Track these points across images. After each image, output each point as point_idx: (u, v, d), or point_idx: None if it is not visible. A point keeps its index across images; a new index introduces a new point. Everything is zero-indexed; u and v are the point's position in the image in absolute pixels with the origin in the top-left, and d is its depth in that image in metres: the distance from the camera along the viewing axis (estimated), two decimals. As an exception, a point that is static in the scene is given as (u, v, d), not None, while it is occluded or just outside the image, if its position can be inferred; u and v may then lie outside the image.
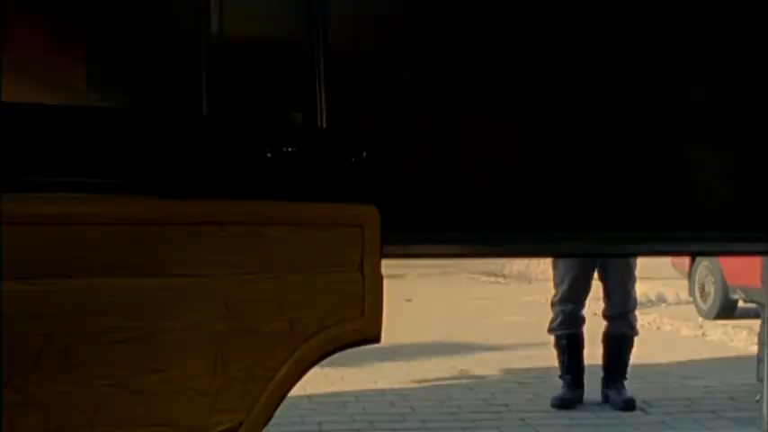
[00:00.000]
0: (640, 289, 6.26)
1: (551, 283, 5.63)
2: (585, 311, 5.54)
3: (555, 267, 5.54)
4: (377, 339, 2.71)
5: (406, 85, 3.89)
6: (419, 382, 6.12)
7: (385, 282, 2.73)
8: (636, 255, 4.97)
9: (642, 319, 7.70)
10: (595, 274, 5.49)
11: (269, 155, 2.53)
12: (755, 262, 5.78)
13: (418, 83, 3.93)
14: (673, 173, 4.19)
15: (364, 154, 2.69)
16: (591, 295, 5.55)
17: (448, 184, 3.93)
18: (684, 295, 11.17)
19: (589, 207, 4.02)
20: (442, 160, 3.92)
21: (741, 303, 10.20)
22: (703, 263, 10.62)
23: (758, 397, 4.84)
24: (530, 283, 14.51)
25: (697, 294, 10.66)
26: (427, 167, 3.90)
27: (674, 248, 4.55)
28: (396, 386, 5.94)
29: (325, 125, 2.69)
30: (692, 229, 4.11)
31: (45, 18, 2.85)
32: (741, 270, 9.61)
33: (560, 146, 4.01)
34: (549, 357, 5.72)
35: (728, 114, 4.18)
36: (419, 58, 3.95)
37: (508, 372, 6.48)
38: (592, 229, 4.00)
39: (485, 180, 3.96)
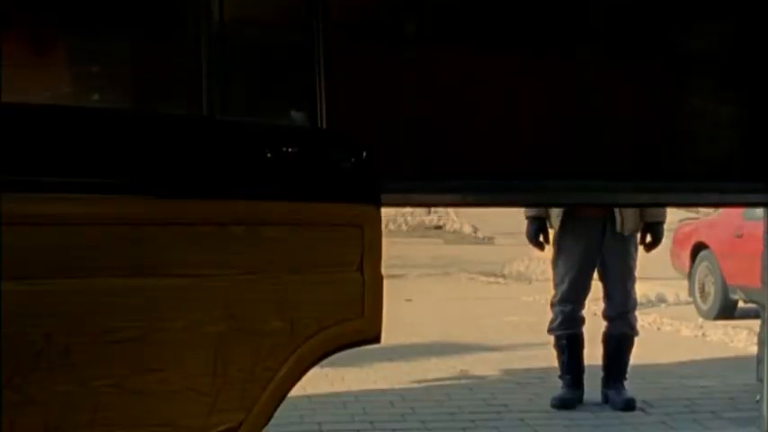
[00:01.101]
0: (640, 289, 6.25)
1: (551, 284, 5.63)
2: (585, 312, 5.54)
3: (555, 267, 5.54)
4: (377, 339, 2.71)
5: (403, 32, 3.85)
6: (419, 382, 6.11)
7: (385, 282, 2.73)
8: (635, 205, 4.96)
9: (642, 319, 7.69)
10: (595, 275, 5.49)
11: (269, 155, 2.53)
12: (755, 262, 5.77)
13: (415, 30, 3.90)
14: (673, 124, 4.17)
15: (364, 154, 2.69)
16: (591, 295, 5.55)
17: (448, 133, 3.91)
18: (684, 295, 11.16)
19: (589, 157, 4.02)
20: (442, 110, 3.91)
21: (741, 303, 10.20)
22: (703, 263, 10.61)
23: (758, 397, 4.83)
24: (530, 284, 14.49)
25: (697, 294, 10.65)
26: (427, 118, 3.88)
27: (674, 199, 4.55)
28: (396, 386, 5.94)
29: (325, 125, 2.69)
30: (692, 181, 4.11)
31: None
32: (741, 270, 9.61)
33: (562, 97, 4.00)
34: (549, 357, 5.72)
35: (730, 65, 4.15)
36: (416, 4, 3.91)
37: (508, 372, 6.47)
38: (592, 180, 4.01)
39: (485, 130, 3.94)
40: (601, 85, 4.03)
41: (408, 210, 29.15)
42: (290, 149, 2.55)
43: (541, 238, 5.45)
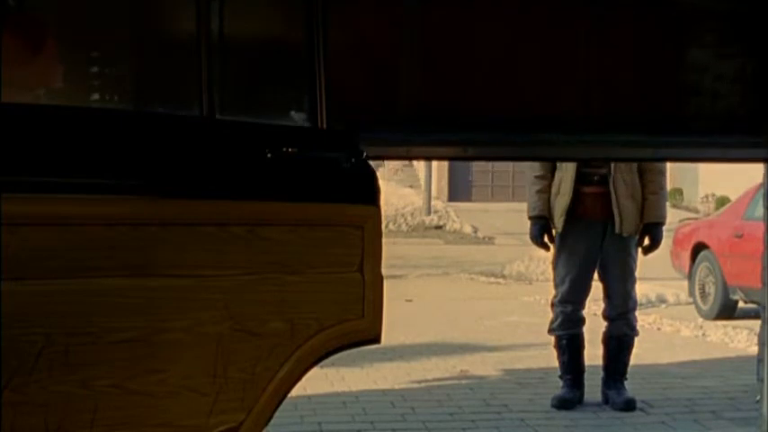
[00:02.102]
0: (640, 289, 6.25)
1: (551, 284, 5.63)
2: (585, 312, 5.54)
3: (555, 268, 5.54)
4: (377, 339, 2.71)
5: None
6: (419, 382, 6.11)
7: (385, 282, 2.73)
8: (636, 160, 4.95)
9: (642, 319, 7.69)
10: (595, 275, 5.49)
11: (269, 155, 2.53)
12: (756, 262, 5.77)
13: None
14: (675, 78, 4.15)
15: (364, 154, 2.69)
16: (591, 296, 5.55)
17: (448, 87, 3.90)
18: (684, 296, 11.16)
19: (590, 112, 4.01)
20: (442, 63, 3.89)
21: (741, 304, 10.20)
22: (703, 263, 10.62)
23: (758, 397, 4.83)
24: (530, 284, 14.50)
25: (697, 295, 10.65)
26: (428, 71, 3.86)
27: (675, 154, 4.54)
28: (396, 386, 5.94)
29: (325, 125, 2.68)
30: (692, 135, 4.10)
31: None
32: (741, 270, 9.61)
33: (562, 50, 3.98)
34: (549, 357, 5.72)
35: (733, 19, 4.12)
36: None
37: (508, 372, 6.47)
38: (593, 134, 4.01)
39: (487, 83, 3.93)
40: (602, 39, 4.02)
41: (408, 210, 29.16)
42: (290, 149, 2.54)
43: (545, 239, 5.45)
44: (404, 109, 3.80)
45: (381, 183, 2.78)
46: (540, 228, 5.44)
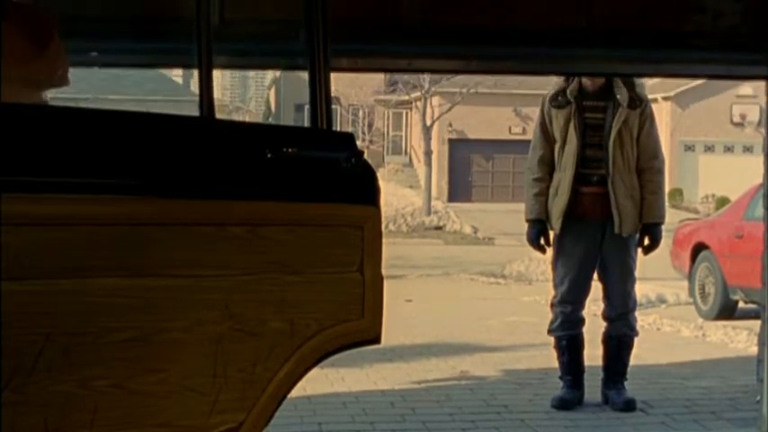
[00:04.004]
0: (640, 290, 6.25)
1: (551, 284, 5.63)
2: (585, 312, 5.54)
3: (554, 269, 5.54)
4: (377, 340, 2.71)
5: None
6: (419, 382, 6.11)
7: (385, 282, 2.73)
8: (638, 75, 4.94)
9: (642, 319, 7.69)
10: (595, 275, 5.49)
11: (269, 155, 2.53)
12: (756, 262, 5.77)
13: None
14: None
15: (364, 154, 2.69)
16: (591, 296, 5.55)
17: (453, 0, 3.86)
18: (684, 296, 11.17)
19: (593, 27, 3.99)
20: None
21: (741, 304, 10.20)
22: (703, 263, 10.62)
23: (758, 398, 4.83)
24: (530, 284, 14.51)
25: (697, 295, 10.66)
26: None
27: (677, 70, 4.52)
28: (396, 387, 5.94)
29: (325, 125, 2.68)
30: (694, 52, 4.09)
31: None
32: (741, 270, 9.62)
33: None
34: (549, 358, 5.72)
35: None
36: None
37: (508, 372, 6.47)
38: (594, 49, 3.99)
39: None
40: None
41: (409, 210, 29.17)
42: (290, 149, 2.54)
43: (542, 241, 5.45)
44: (407, 21, 3.77)
45: (381, 183, 2.78)
46: (538, 231, 5.44)
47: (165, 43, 3.88)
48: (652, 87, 34.41)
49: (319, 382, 5.57)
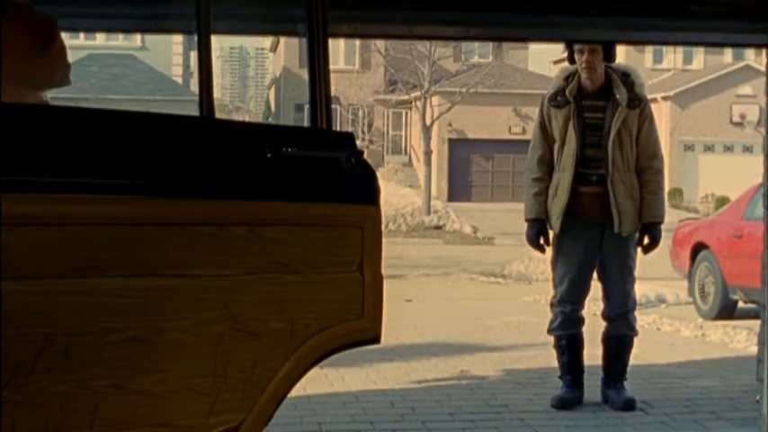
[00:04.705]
0: (640, 289, 6.25)
1: (551, 284, 5.63)
2: (585, 312, 5.54)
3: (554, 268, 5.53)
4: (377, 340, 2.71)
5: None
6: (419, 382, 6.11)
7: (385, 282, 2.73)
8: (639, 43, 4.98)
9: (642, 319, 7.69)
10: (595, 275, 5.49)
11: (269, 155, 2.53)
12: (756, 262, 5.77)
13: None
14: None
15: (364, 154, 2.69)
16: (590, 296, 5.55)
17: None
18: (684, 295, 11.17)
19: None
20: None
21: (741, 304, 10.20)
22: (703, 263, 10.62)
23: (758, 397, 4.83)
24: (529, 284, 14.51)
25: (697, 295, 10.66)
26: None
27: (677, 38, 4.52)
28: (396, 386, 5.94)
29: (325, 125, 2.68)
30: (695, 20, 4.09)
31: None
32: (741, 270, 9.62)
33: None
34: (549, 357, 5.72)
35: None
36: None
37: (508, 372, 6.47)
38: (594, 16, 3.99)
39: None
40: None
41: (408, 210, 29.15)
42: (289, 149, 2.54)
43: (541, 241, 5.45)
44: None
45: (381, 183, 2.78)
46: (537, 231, 5.44)
47: (163, 8, 3.87)
48: (652, 87, 34.43)
49: (319, 381, 5.57)
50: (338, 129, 2.79)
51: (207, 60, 2.59)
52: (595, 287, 5.52)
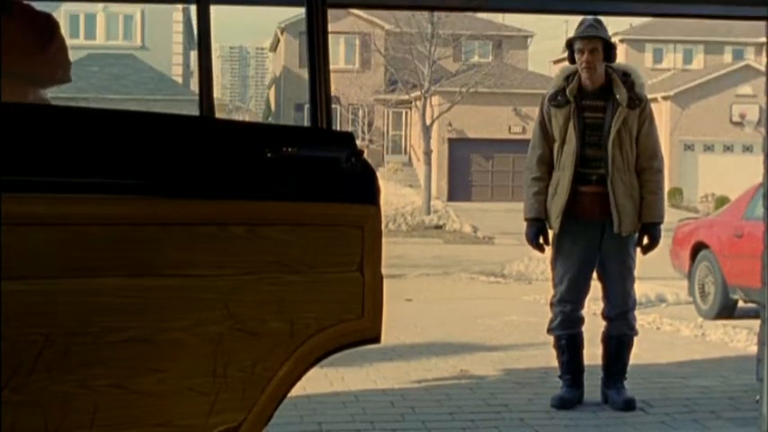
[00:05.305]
0: (640, 289, 6.25)
1: (551, 284, 5.63)
2: (585, 312, 5.54)
3: (554, 268, 5.53)
4: (377, 339, 2.71)
5: None
6: (419, 382, 6.11)
7: (385, 282, 2.73)
8: (638, 14, 5.01)
9: (642, 319, 7.69)
10: (595, 275, 5.49)
11: (269, 155, 2.53)
12: (756, 262, 5.78)
13: None
14: None
15: (364, 153, 2.69)
16: (590, 295, 5.55)
17: None
18: (684, 295, 11.17)
19: None
20: None
21: (741, 303, 10.20)
22: (703, 263, 10.62)
23: (758, 397, 4.83)
24: (529, 284, 14.51)
25: (697, 294, 10.66)
26: None
27: (676, 10, 4.49)
28: (395, 386, 5.94)
29: (325, 125, 2.68)
30: None
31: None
32: (741, 270, 9.62)
33: None
34: (549, 357, 5.72)
35: None
36: None
37: (508, 372, 6.47)
38: None
39: None
40: None
41: (408, 209, 29.15)
42: (289, 149, 2.54)
43: (541, 240, 5.45)
44: None
45: (381, 182, 2.78)
46: (536, 230, 5.44)
47: None
48: (652, 87, 34.44)
49: (319, 381, 5.57)
50: (338, 128, 2.79)
51: (207, 60, 2.60)
52: (595, 287, 5.52)
